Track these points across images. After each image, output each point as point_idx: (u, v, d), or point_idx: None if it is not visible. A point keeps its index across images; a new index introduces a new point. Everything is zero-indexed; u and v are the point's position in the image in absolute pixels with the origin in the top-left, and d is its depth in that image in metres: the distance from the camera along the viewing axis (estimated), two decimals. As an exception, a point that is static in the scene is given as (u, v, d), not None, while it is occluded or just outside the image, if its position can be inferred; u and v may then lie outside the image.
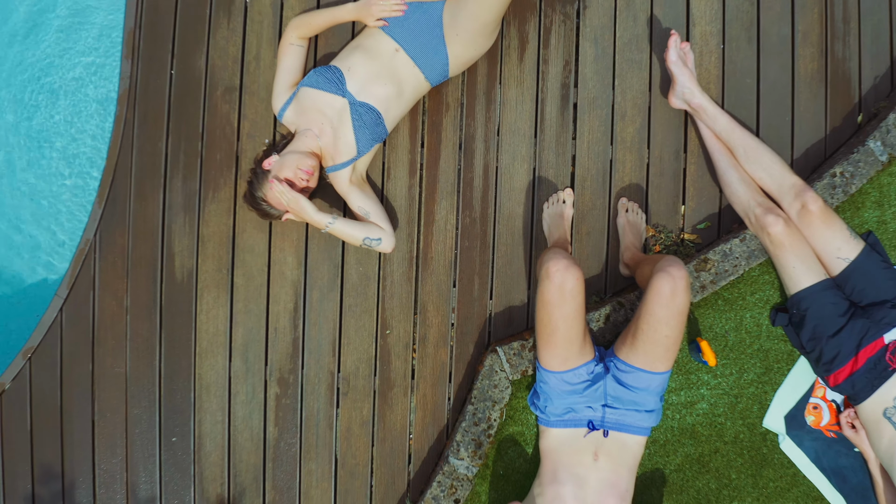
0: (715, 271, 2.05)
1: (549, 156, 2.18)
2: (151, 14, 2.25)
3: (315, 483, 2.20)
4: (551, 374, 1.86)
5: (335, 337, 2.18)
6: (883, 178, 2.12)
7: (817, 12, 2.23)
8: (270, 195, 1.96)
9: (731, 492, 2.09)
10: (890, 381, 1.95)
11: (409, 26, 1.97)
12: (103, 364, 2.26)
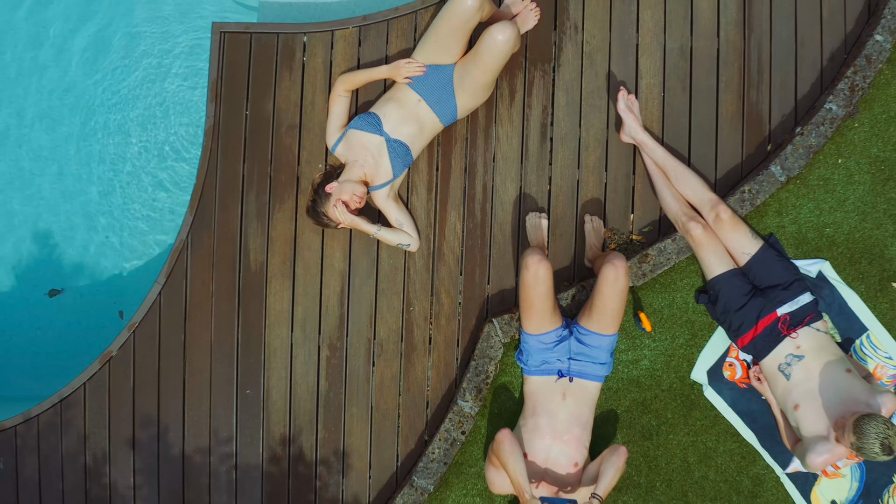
0: (653, 263, 2.84)
1: (531, 177, 2.98)
2: (230, 68, 3.05)
3: (355, 424, 2.99)
4: (531, 336, 2.66)
5: (371, 312, 2.98)
6: (781, 194, 2.91)
7: (737, 67, 3.02)
8: (331, 212, 2.75)
9: (668, 427, 2.88)
10: (782, 344, 2.73)
11: (427, 83, 2.76)
12: (193, 335, 3.05)
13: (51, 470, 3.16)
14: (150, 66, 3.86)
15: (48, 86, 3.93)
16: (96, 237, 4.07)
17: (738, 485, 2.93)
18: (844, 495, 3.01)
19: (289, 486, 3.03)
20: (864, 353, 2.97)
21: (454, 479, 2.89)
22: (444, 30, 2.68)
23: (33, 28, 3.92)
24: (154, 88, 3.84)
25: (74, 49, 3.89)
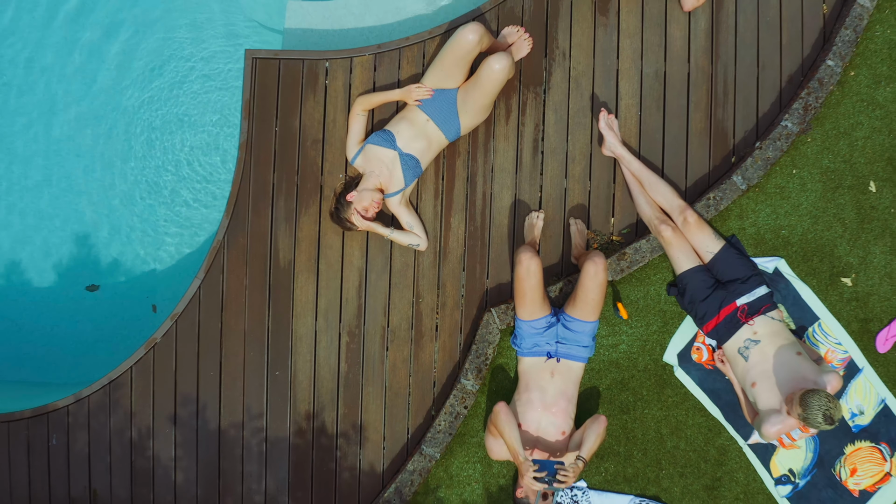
0: (630, 260, 3.32)
1: (524, 186, 3.45)
2: (261, 90, 3.52)
3: (371, 401, 3.46)
4: (523, 322, 3.13)
5: (386, 303, 3.45)
6: (742, 200, 3.38)
7: (705, 89, 3.50)
8: (353, 217, 3.22)
9: (643, 403, 3.35)
10: (741, 330, 3.20)
11: (435, 105, 3.24)
12: (228, 323, 3.52)
13: (99, 444, 3.64)
14: (180, 71, 4.35)
15: (87, 91, 4.42)
16: (131, 238, 4.55)
17: (705, 454, 3.40)
18: (800, 464, 3.48)
19: (313, 456, 3.50)
20: (816, 339, 3.45)
21: (458, 447, 3.37)
22: (449, 59, 3.16)
23: (70, 37, 4.41)
24: (183, 96, 4.33)
25: (110, 58, 4.38)
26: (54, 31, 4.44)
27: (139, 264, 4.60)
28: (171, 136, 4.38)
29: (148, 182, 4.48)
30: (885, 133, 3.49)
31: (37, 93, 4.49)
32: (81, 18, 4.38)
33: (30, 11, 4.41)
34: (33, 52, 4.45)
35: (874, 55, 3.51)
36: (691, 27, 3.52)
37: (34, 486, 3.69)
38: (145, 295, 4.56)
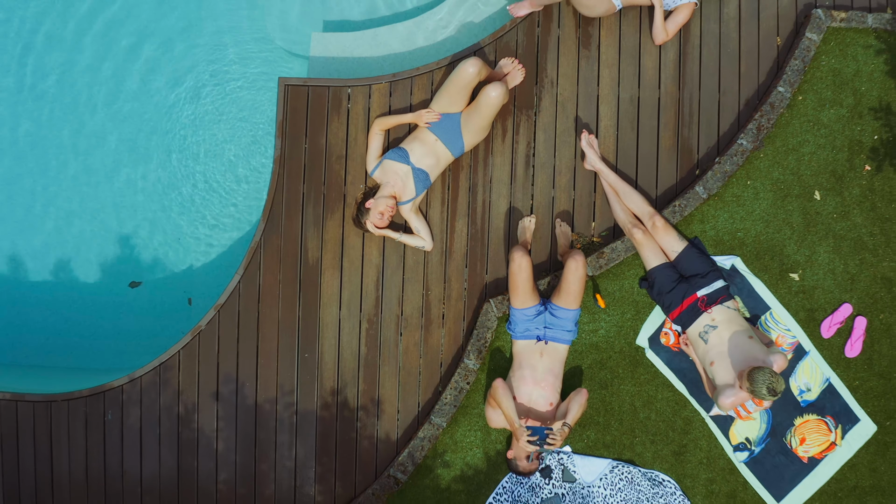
0: (608, 258, 3.95)
1: (518, 195, 4.09)
2: (292, 112, 4.16)
3: (387, 379, 4.09)
4: (516, 310, 3.76)
5: (400, 295, 4.08)
6: (704, 207, 4.02)
7: (673, 111, 4.13)
8: (370, 220, 3.86)
9: (619, 380, 3.98)
10: (701, 317, 3.83)
11: (441, 127, 3.87)
12: (264, 313, 4.16)
13: (150, 419, 4.27)
14: (218, 93, 5.01)
15: (135, 107, 5.08)
16: (169, 239, 5.19)
17: (673, 424, 4.03)
18: (755, 434, 4.10)
19: (336, 427, 4.14)
20: (768, 326, 4.08)
21: (462, 418, 4.00)
22: (453, 88, 3.80)
23: (124, 64, 5.07)
24: (220, 120, 4.98)
25: (165, 73, 5.04)
26: (111, 59, 5.10)
27: (176, 263, 5.24)
28: (208, 153, 5.03)
29: (183, 191, 5.13)
30: (828, 149, 4.12)
31: (95, 106, 5.15)
32: (135, 52, 5.03)
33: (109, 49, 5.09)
34: (93, 71, 5.12)
35: (820, 82, 4.14)
36: (661, 58, 4.16)
37: (91, 455, 4.33)
38: (181, 290, 5.20)
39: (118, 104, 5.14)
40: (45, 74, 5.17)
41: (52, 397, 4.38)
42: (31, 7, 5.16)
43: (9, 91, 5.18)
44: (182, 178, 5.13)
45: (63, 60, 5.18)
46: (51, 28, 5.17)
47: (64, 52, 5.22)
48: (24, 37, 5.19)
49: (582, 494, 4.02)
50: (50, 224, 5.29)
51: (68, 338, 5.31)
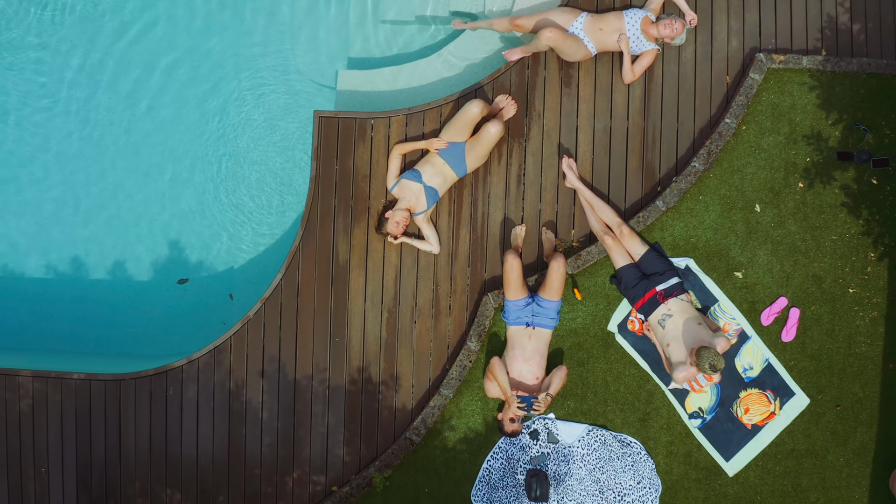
0: (584, 259, 4.95)
1: (511, 208, 5.08)
2: (325, 139, 5.14)
3: (404, 359, 5.08)
4: (509, 301, 4.76)
5: (414, 290, 5.08)
6: (663, 218, 5.01)
7: (639, 139, 5.12)
8: (389, 228, 4.85)
9: (594, 359, 4.98)
10: (659, 308, 4.81)
11: (449, 153, 4.86)
12: (302, 305, 5.14)
13: (205, 394, 5.25)
14: (260, 118, 6.02)
15: (188, 128, 6.09)
16: (213, 242, 6.19)
17: (638, 395, 5.02)
18: (707, 404, 5.08)
19: (361, 399, 5.12)
20: (716, 315, 5.07)
21: (465, 389, 4.99)
22: (460, 123, 4.79)
23: (183, 93, 6.08)
24: (259, 145, 5.99)
25: (220, 102, 6.06)
26: (172, 86, 6.12)
27: (218, 263, 6.24)
28: (250, 170, 6.03)
29: (228, 201, 6.12)
30: (767, 170, 5.11)
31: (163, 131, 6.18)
32: (192, 85, 6.04)
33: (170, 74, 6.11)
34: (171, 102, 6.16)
35: (760, 114, 5.13)
36: (630, 95, 5.15)
37: (154, 426, 5.31)
38: (223, 287, 6.20)
39: (181, 130, 6.16)
40: (110, 91, 6.20)
41: (121, 376, 5.37)
42: (94, 37, 6.17)
43: (77, 102, 6.19)
44: (226, 193, 6.13)
45: (123, 80, 6.20)
46: (104, 54, 6.18)
47: (120, 74, 6.24)
48: (86, 59, 6.20)
49: (564, 453, 5.01)
50: (108, 230, 6.29)
51: (122, 328, 6.31)
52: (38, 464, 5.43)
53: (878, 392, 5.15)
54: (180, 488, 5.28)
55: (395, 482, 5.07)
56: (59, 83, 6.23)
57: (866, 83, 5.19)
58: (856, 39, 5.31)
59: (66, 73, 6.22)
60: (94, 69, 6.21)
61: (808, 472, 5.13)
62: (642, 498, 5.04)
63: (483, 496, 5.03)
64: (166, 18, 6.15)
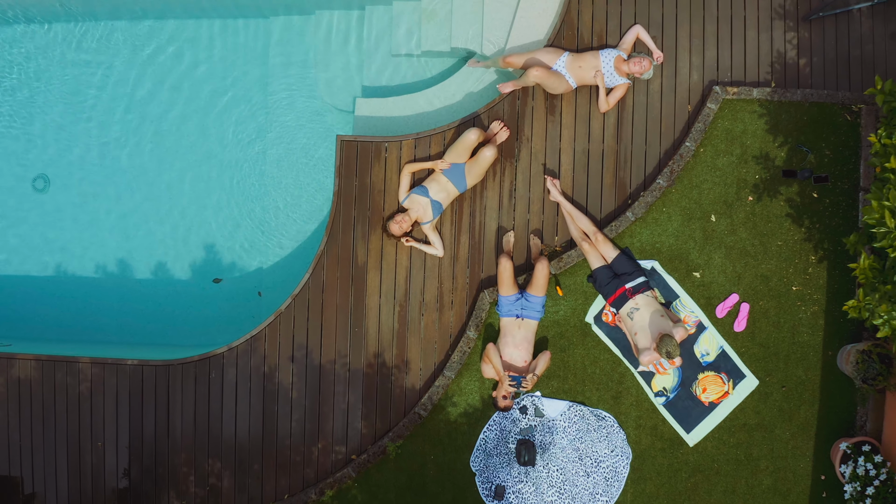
0: (566, 261, 5.97)
1: (504, 218, 6.11)
2: (346, 159, 6.16)
3: (414, 345, 6.10)
4: (502, 297, 5.78)
5: (422, 287, 6.10)
6: (633, 226, 6.03)
7: (613, 159, 6.14)
8: (394, 231, 5.87)
9: (573, 346, 6.00)
10: (628, 302, 5.82)
11: (451, 172, 5.88)
12: (327, 301, 6.16)
13: (243, 376, 6.27)
14: (286, 138, 7.04)
15: (225, 146, 7.12)
16: (244, 246, 7.22)
17: (611, 376, 6.04)
18: (670, 384, 6.10)
19: (377, 380, 6.14)
20: (678, 309, 6.08)
21: (465, 371, 6.01)
22: (460, 147, 5.81)
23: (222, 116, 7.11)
24: (288, 160, 7.02)
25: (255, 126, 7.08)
26: (214, 119, 7.16)
27: (248, 264, 7.26)
28: (278, 185, 7.06)
29: (261, 213, 7.15)
30: (721, 185, 6.12)
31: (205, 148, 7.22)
32: (231, 111, 7.08)
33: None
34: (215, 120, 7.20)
35: (716, 138, 6.15)
36: (605, 122, 6.17)
37: (198, 405, 6.32)
38: (252, 285, 7.22)
39: (226, 150, 7.21)
40: (160, 118, 7.24)
41: (170, 362, 6.38)
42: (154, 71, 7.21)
43: (131, 126, 7.23)
44: (258, 203, 7.15)
45: (174, 106, 7.24)
46: (159, 83, 7.22)
47: (172, 102, 7.28)
48: (141, 89, 7.24)
49: (548, 426, 6.02)
50: (151, 237, 7.31)
51: (164, 321, 7.34)
52: (95, 439, 6.45)
53: (818, 375, 6.16)
54: (220, 458, 6.30)
55: (405, 450, 6.09)
56: (114, 112, 7.30)
57: (809, 111, 6.20)
58: (801, 72, 6.32)
59: (122, 101, 7.30)
60: (144, 101, 7.26)
61: (758, 444, 6.14)
62: (615, 464, 6.06)
63: (480, 462, 6.05)
64: (211, 59, 7.21)
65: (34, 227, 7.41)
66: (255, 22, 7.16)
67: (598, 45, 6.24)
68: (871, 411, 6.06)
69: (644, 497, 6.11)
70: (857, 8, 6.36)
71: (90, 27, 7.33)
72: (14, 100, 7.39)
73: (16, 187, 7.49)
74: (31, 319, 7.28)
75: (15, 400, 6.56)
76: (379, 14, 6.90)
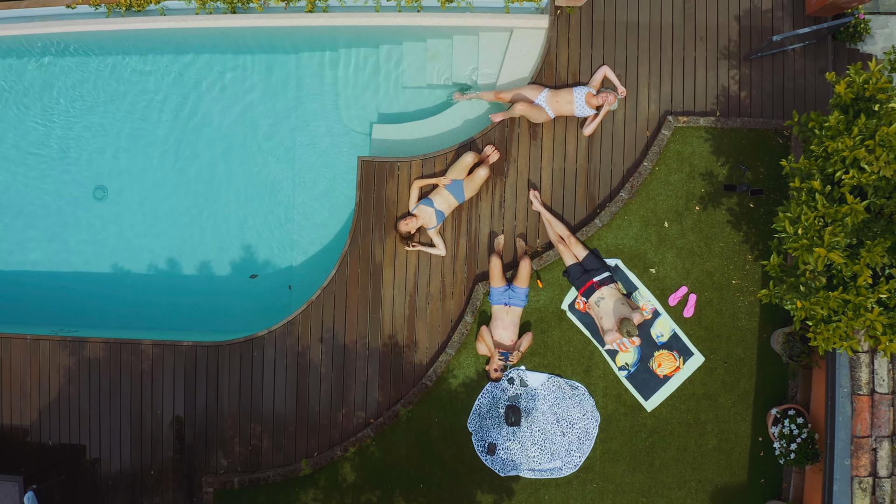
0: (545, 259, 7.48)
1: (495, 224, 7.62)
2: (366, 177, 7.67)
3: (422, 328, 7.61)
4: (493, 288, 7.29)
5: (428, 281, 7.61)
6: (600, 232, 7.54)
7: (585, 176, 7.66)
8: (403, 229, 7.39)
9: (551, 328, 7.51)
10: (596, 293, 7.33)
11: (452, 187, 7.38)
12: (350, 291, 7.67)
13: (280, 354, 7.78)
14: (313, 157, 8.57)
15: (264, 160, 8.64)
16: (276, 245, 8.72)
17: (583, 353, 7.55)
18: (631, 360, 7.61)
19: (391, 357, 7.65)
20: (637, 298, 7.59)
21: (463, 349, 7.52)
22: (459, 167, 7.32)
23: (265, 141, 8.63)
24: (314, 177, 8.55)
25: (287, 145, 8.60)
26: (252, 131, 8.68)
27: (281, 262, 8.76)
28: (307, 194, 8.58)
29: (296, 219, 8.66)
30: (673, 197, 7.63)
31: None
32: (270, 135, 8.61)
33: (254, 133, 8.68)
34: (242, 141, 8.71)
35: (669, 158, 7.66)
36: (578, 145, 7.68)
37: (242, 380, 7.83)
38: (284, 280, 8.73)
39: (262, 169, 8.73)
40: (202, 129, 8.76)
41: (219, 343, 7.88)
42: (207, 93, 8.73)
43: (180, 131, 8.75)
44: (290, 212, 8.67)
45: (219, 129, 8.76)
46: (208, 109, 8.74)
47: (219, 126, 8.79)
48: (195, 115, 8.76)
49: (531, 394, 7.53)
50: (199, 238, 8.82)
51: (208, 312, 8.82)
52: (155, 408, 7.93)
53: (755, 354, 7.66)
54: (260, 422, 7.80)
55: (414, 414, 7.60)
56: (167, 131, 8.82)
57: (747, 135, 7.72)
58: (742, 103, 7.84)
59: (174, 123, 8.81)
60: (194, 125, 8.78)
61: (705, 410, 7.64)
62: (587, 426, 7.57)
63: (475, 424, 7.56)
64: (254, 88, 8.72)
65: (96, 231, 8.89)
66: (288, 57, 8.67)
67: (572, 82, 7.76)
68: (800, 384, 7.56)
69: (610, 454, 7.62)
70: (791, 48, 7.88)
71: (155, 60, 8.83)
72: (86, 122, 8.89)
73: (79, 198, 8.99)
74: (98, 310, 8.77)
75: (86, 377, 8.04)
76: (392, 53, 8.41)
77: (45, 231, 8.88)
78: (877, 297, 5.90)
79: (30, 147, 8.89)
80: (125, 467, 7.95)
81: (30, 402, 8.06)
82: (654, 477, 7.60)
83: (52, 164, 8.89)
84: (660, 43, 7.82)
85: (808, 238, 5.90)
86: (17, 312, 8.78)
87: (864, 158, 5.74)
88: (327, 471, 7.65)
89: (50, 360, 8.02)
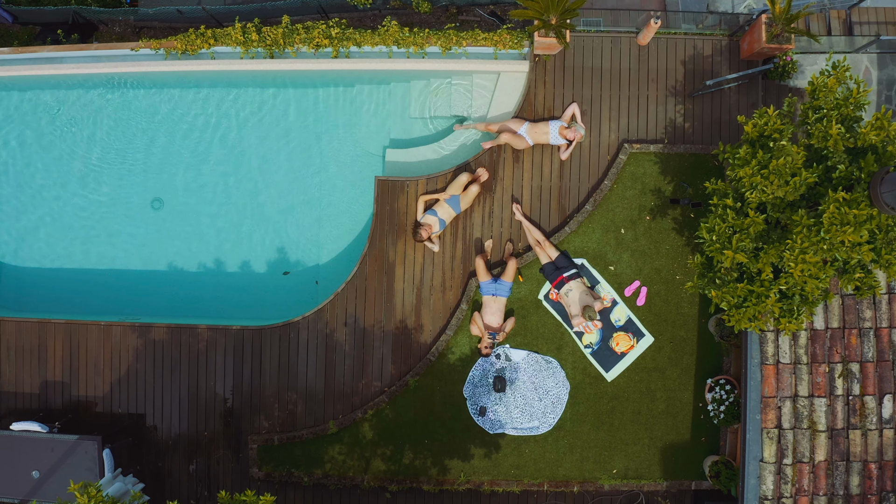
0: (526, 259, 9.57)
1: (485, 231, 9.71)
2: (383, 192, 9.76)
3: (426, 315, 9.70)
4: (482, 282, 9.39)
5: (431, 276, 9.70)
6: (569, 237, 9.64)
7: (558, 191, 9.77)
8: (418, 235, 9.50)
9: (530, 314, 9.59)
10: (565, 286, 9.41)
11: (451, 201, 9.45)
12: (369, 285, 9.77)
13: (312, 336, 9.87)
14: (334, 172, 10.69)
15: (296, 172, 10.74)
16: (303, 245, 10.82)
17: (555, 335, 9.63)
18: (595, 340, 9.69)
19: (402, 337, 9.72)
20: (599, 290, 9.70)
21: (460, 330, 9.60)
22: (456, 185, 9.40)
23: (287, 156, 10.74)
24: (334, 189, 10.66)
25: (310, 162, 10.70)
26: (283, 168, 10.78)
27: (309, 260, 10.86)
28: (330, 205, 10.69)
29: (323, 227, 10.76)
30: (628, 209, 9.73)
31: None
32: (297, 157, 10.72)
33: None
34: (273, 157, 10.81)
35: (625, 178, 9.75)
36: (552, 166, 9.79)
37: (280, 360, 9.92)
38: (311, 276, 10.84)
39: (292, 186, 10.81)
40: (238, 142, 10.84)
41: (262, 327, 9.97)
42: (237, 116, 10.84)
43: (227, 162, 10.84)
44: (320, 219, 10.76)
45: (260, 149, 10.86)
46: (249, 133, 10.84)
47: (259, 146, 10.89)
48: (245, 137, 10.84)
49: (514, 367, 9.62)
50: (241, 242, 10.90)
51: (248, 305, 10.91)
52: (209, 381, 10.02)
53: (696, 335, 9.74)
54: (296, 391, 9.89)
55: (421, 384, 9.70)
56: (213, 150, 10.88)
57: (689, 159, 9.80)
58: (686, 132, 9.93)
59: (220, 143, 10.89)
60: (236, 145, 10.85)
61: (656, 381, 9.73)
62: (559, 393, 9.67)
63: (469, 391, 9.66)
64: (286, 118, 10.80)
65: (155, 237, 10.96)
66: (317, 93, 10.77)
67: (548, 116, 9.86)
68: (732, 360, 9.67)
69: (578, 416, 9.72)
70: (728, 87, 9.99)
71: (206, 91, 10.92)
72: (140, 142, 10.97)
73: (139, 208, 11.06)
74: (161, 301, 10.84)
75: (151, 356, 10.11)
76: (402, 89, 10.52)
77: (110, 234, 10.95)
78: (777, 287, 7.98)
79: (101, 164, 10.98)
80: (183, 430, 10.02)
81: (103, 377, 10.10)
82: (613, 435, 9.70)
83: (121, 177, 10.97)
84: (619, 84, 9.92)
85: (721, 243, 8.01)
86: (92, 304, 10.86)
87: (760, 184, 7.84)
88: (350, 430, 9.74)
89: (121, 342, 10.06)
